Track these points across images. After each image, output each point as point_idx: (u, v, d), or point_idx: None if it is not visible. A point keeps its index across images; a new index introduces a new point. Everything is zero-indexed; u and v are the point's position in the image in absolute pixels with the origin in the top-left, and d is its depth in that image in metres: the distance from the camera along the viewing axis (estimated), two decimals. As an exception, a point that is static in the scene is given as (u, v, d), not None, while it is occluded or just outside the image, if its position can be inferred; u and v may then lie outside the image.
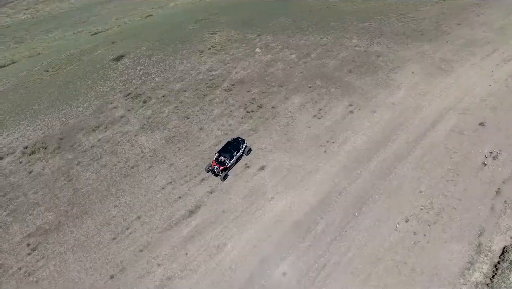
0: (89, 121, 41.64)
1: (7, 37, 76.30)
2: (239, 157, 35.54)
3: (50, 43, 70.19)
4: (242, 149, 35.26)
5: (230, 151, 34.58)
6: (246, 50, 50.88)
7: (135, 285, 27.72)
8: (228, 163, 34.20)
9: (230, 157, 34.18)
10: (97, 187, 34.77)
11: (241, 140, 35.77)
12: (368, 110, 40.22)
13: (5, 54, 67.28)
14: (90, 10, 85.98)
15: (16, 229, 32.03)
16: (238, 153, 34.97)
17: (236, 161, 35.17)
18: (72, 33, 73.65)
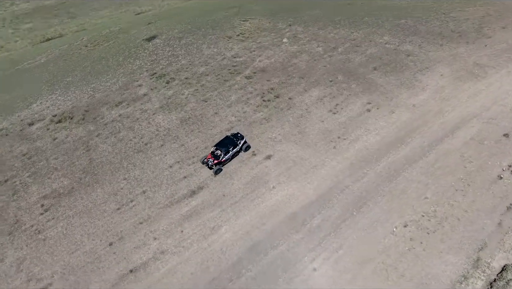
0: (114, 97, 43.69)
1: (63, 12, 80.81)
2: (236, 153, 35.37)
3: (97, 20, 73.51)
4: (239, 145, 35.04)
5: (227, 146, 34.50)
6: (273, 39, 50.82)
7: (130, 254, 29.19)
8: (223, 158, 34.24)
9: (225, 152, 34.18)
10: (111, 159, 36.64)
11: (240, 137, 35.57)
12: (387, 110, 39.09)
13: (56, 28, 71.38)
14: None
15: (34, 190, 34.60)
16: (235, 149, 34.80)
17: (232, 157, 35.04)
18: (119, 12, 76.70)
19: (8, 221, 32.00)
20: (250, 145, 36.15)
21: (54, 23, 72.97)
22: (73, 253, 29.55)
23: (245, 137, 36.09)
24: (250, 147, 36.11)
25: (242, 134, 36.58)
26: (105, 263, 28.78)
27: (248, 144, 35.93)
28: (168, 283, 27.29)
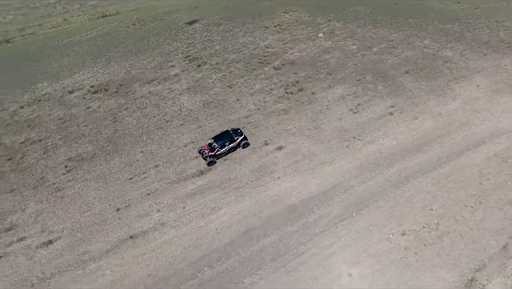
0: (148, 74, 45.88)
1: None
2: (233, 148, 35.58)
3: (152, 2, 76.88)
4: (236, 141, 35.23)
5: (224, 140, 34.90)
6: (309, 33, 50.40)
7: (133, 222, 31.08)
8: (218, 151, 34.67)
9: (221, 146, 34.61)
10: (133, 132, 38.78)
11: (239, 133, 35.74)
12: (410, 115, 37.72)
13: (115, 6, 75.49)
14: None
15: (62, 152, 37.60)
16: (231, 144, 35.10)
17: (228, 151, 35.35)
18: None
19: (35, 176, 35.21)
20: (249, 143, 36.08)
21: (115, 1, 77.24)
22: (84, 213, 32.04)
23: (244, 134, 36.09)
24: (249, 144, 36.10)
25: (242, 131, 36.61)
26: (109, 226, 30.94)
27: (246, 141, 35.85)
28: (161, 253, 28.84)
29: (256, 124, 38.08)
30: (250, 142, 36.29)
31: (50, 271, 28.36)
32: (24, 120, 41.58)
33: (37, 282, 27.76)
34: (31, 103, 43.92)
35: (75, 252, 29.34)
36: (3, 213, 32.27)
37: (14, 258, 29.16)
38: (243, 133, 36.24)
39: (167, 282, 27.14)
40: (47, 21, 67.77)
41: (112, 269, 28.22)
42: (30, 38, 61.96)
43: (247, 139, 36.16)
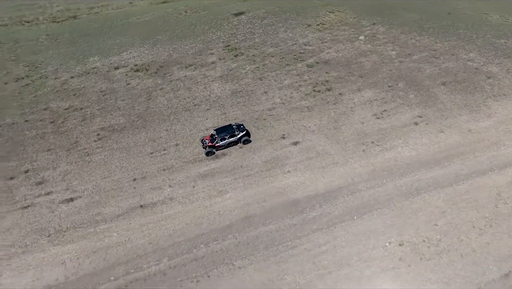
0: (187, 59, 48.06)
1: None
2: (233, 142, 36.26)
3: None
4: (237, 136, 35.99)
5: (224, 133, 35.72)
6: (350, 35, 49.73)
7: (146, 193, 33.22)
8: (218, 143, 35.65)
9: (221, 138, 35.53)
10: (163, 111, 41.05)
11: (241, 129, 36.31)
12: (436, 128, 36.31)
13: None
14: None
15: (97, 121, 40.78)
16: (231, 138, 35.86)
17: (227, 144, 36.13)
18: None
19: (70, 140, 38.61)
20: (250, 140, 36.68)
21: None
22: (105, 178, 34.74)
23: (247, 131, 36.66)
24: (251, 141, 36.69)
25: (246, 128, 37.16)
26: (124, 193, 33.33)
27: (247, 138, 36.44)
28: (165, 225, 30.66)
29: (277, 117, 38.76)
30: (268, 134, 37.10)
31: (66, 225, 31.27)
32: (72, 89, 45.51)
33: (53, 233, 30.75)
34: (80, 75, 47.87)
35: (90, 212, 32.07)
36: (38, 168, 35.91)
37: (39, 209, 32.47)
38: (245, 129, 36.79)
39: (165, 252, 28.88)
40: (114, 2, 72.84)
41: (118, 232, 30.53)
42: (94, 17, 67.01)
43: (249, 136, 36.85)
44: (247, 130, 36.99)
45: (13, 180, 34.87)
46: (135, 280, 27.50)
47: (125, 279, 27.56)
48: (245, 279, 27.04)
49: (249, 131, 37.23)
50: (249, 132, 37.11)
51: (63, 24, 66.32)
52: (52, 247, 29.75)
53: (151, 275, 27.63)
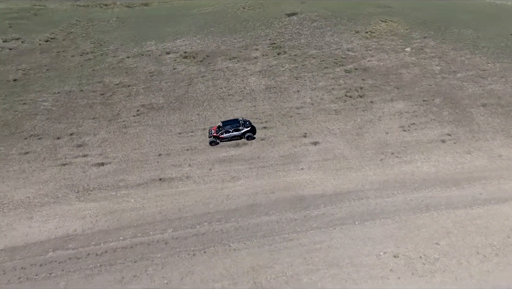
0: (232, 52, 50.31)
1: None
2: (236, 137, 37.49)
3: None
4: (241, 131, 37.26)
5: (229, 127, 37.14)
6: (397, 45, 48.72)
7: (166, 168, 35.82)
8: (220, 134, 37.19)
9: (225, 131, 37.03)
10: (199, 97, 43.59)
11: (247, 125, 37.54)
12: (463, 148, 34.83)
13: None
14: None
15: (139, 98, 44.34)
16: (235, 132, 37.16)
17: (231, 138, 37.45)
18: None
19: (113, 112, 42.48)
20: (253, 136, 37.83)
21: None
22: (134, 150, 37.92)
23: (252, 127, 38.09)
24: (254, 138, 37.84)
25: (252, 124, 38.38)
26: (148, 165, 36.20)
27: (251, 134, 37.60)
28: (177, 200, 32.93)
29: (303, 116, 39.56)
30: (291, 131, 38.10)
31: (93, 186, 34.73)
32: (125, 68, 49.75)
33: (81, 190, 34.33)
34: (135, 56, 52.09)
35: (115, 178, 35.29)
36: (81, 133, 40.05)
37: (74, 168, 36.36)
38: (251, 126, 38.07)
39: (171, 224, 31.09)
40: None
41: (135, 199, 33.35)
42: (163, 6, 72.02)
43: (254, 133, 38.10)
44: (253, 127, 38.58)
45: (59, 140, 39.30)
46: (140, 243, 30.01)
47: (131, 241, 30.17)
48: (237, 260, 28.36)
49: (255, 129, 38.76)
50: (254, 129, 38.62)
51: (134, 10, 72.08)
52: (78, 202, 33.32)
53: (154, 242, 29.97)
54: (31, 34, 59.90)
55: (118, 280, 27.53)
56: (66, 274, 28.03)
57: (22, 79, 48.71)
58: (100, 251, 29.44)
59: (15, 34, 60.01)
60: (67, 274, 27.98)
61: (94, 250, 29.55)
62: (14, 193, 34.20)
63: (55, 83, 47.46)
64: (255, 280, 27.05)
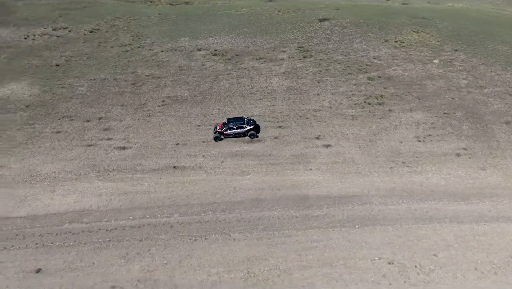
0: (261, 52, 51.55)
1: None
2: (240, 134, 38.75)
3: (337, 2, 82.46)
4: (244, 128, 38.39)
5: (233, 124, 38.45)
6: (426, 57, 47.93)
7: (181, 157, 37.53)
8: (224, 130, 38.55)
9: (229, 128, 38.40)
10: (222, 93, 45.15)
11: (251, 124, 38.80)
12: (478, 164, 33.95)
13: None
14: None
15: (166, 90, 46.52)
16: (239, 130, 38.37)
17: (235, 134, 38.66)
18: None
19: (140, 101, 44.87)
20: (257, 135, 39.00)
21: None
22: (154, 138, 39.98)
23: (256, 126, 39.23)
24: (257, 136, 38.95)
25: (256, 123, 39.49)
26: (165, 153, 38.06)
27: (253, 133, 38.77)
28: (187, 187, 34.49)
29: (319, 119, 40.06)
30: (305, 132, 38.74)
31: (113, 167, 36.99)
32: (158, 61, 52.26)
33: (102, 170, 36.68)
34: (169, 50, 54.56)
35: (134, 162, 37.39)
36: (108, 118, 42.65)
37: (98, 149, 38.85)
38: (255, 124, 39.24)
39: (178, 209, 32.63)
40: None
41: (149, 183, 35.22)
42: (203, 5, 74.63)
43: (257, 131, 39.25)
44: (257, 126, 39.84)
45: (88, 122, 42.07)
46: (147, 224, 31.74)
47: (140, 222, 31.97)
48: (235, 249, 29.41)
49: (259, 127, 40.02)
50: (258, 128, 39.87)
51: (175, 7, 75.15)
52: (97, 181, 35.65)
53: (160, 224, 31.59)
54: (78, 24, 64.15)
55: (122, 256, 29.40)
56: (78, 245, 30.28)
57: (64, 65, 52.45)
58: (111, 227, 31.51)
59: (64, 23, 64.54)
60: (79, 245, 30.23)
61: (105, 226, 31.70)
62: (42, 167, 37.16)
63: (93, 70, 50.74)
64: (249, 270, 27.98)
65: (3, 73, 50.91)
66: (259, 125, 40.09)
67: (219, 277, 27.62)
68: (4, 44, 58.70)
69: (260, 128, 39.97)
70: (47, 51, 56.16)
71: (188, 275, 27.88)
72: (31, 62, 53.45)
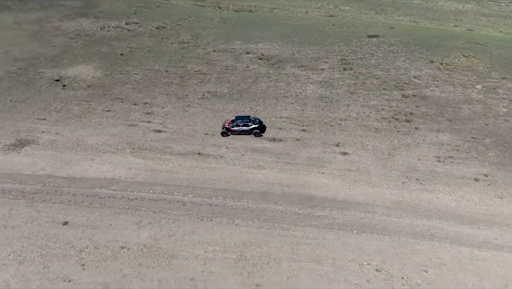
0: (303, 61, 53.45)
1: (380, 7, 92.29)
2: (245, 131, 41.47)
3: (390, 19, 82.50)
4: (249, 126, 41.28)
5: (240, 121, 41.47)
6: (469, 81, 46.34)
7: (207, 146, 40.48)
8: (231, 127, 41.49)
9: (235, 125, 41.04)
10: (257, 93, 47.73)
11: (256, 123, 41.71)
12: (496, 192, 32.64)
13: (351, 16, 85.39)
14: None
15: (209, 86, 50.12)
16: (244, 127, 41.31)
17: (240, 132, 41.62)
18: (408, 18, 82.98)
19: (184, 93, 48.87)
20: (261, 134, 41.39)
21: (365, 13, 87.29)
22: (187, 126, 43.58)
23: (261, 125, 42.00)
24: (261, 135, 41.35)
25: (262, 123, 42.36)
26: (194, 140, 41.34)
27: (258, 131, 41.20)
28: (205, 173, 37.32)
29: (343, 128, 40.94)
30: (326, 138, 39.96)
31: (146, 146, 40.94)
32: (208, 59, 56.31)
33: (136, 148, 40.78)
34: (220, 51, 58.47)
35: (165, 144, 41.10)
36: (153, 104, 47.06)
37: (137, 129, 43.18)
38: (260, 124, 41.68)
39: (193, 191, 35.45)
40: (293, 8, 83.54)
41: (173, 164, 38.56)
42: (264, 14, 78.45)
43: (261, 130, 41.61)
44: (262, 126, 42.35)
45: (135, 106, 46.80)
46: (163, 199, 34.93)
47: (158, 196, 35.25)
48: (234, 233, 31.44)
49: (264, 127, 42.53)
50: (263, 127, 42.32)
51: (239, 14, 79.77)
52: (130, 156, 39.76)
53: (175, 201, 34.60)
54: (148, 21, 70.86)
55: (136, 223, 32.76)
56: (102, 207, 34.23)
57: (127, 55, 58.47)
58: (132, 197, 35.12)
59: (136, 19, 71.63)
60: (102, 208, 34.16)
61: (128, 195, 35.40)
62: (89, 139, 42.17)
63: (150, 62, 56.01)
64: (242, 253, 29.85)
65: (76, 56, 58.15)
66: (265, 125, 42.60)
67: (213, 255, 29.86)
68: (83, 32, 66.75)
69: (265, 128, 42.44)
70: (116, 42, 62.91)
71: (187, 248, 30.47)
72: (100, 50, 60.36)
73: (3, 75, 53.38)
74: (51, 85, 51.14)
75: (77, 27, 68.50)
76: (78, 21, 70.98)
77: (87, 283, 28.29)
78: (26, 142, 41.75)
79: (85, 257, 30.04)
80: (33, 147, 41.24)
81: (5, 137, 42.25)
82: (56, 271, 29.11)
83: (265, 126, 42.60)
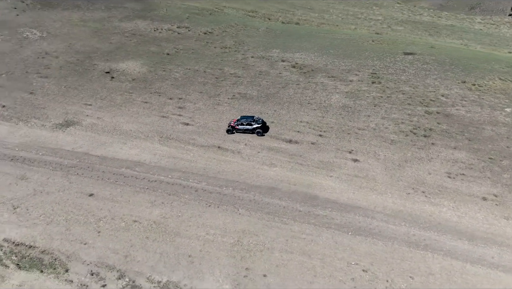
0: (334, 72, 54.81)
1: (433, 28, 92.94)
2: (248, 130, 43.87)
3: (440, 41, 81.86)
4: (252, 126, 43.82)
5: (244, 120, 44.13)
6: (498, 104, 44.90)
7: (227, 141, 43.21)
8: (237, 125, 44.24)
9: (240, 124, 44.04)
10: (283, 98, 49.83)
11: (259, 123, 44.04)
12: (503, 213, 31.86)
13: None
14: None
15: (240, 88, 52.94)
16: (248, 126, 43.86)
17: (244, 130, 44.11)
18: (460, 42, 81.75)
19: (216, 92, 52.10)
20: (263, 134, 44.00)
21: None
22: (213, 122, 46.66)
23: (264, 125, 44.33)
24: (264, 135, 44.03)
25: (265, 123, 44.79)
26: (216, 135, 44.25)
27: (260, 131, 43.83)
28: (221, 165, 39.95)
29: (359, 137, 41.82)
30: (341, 144, 41.14)
31: (173, 136, 44.38)
32: (245, 64, 59.40)
33: (164, 136, 44.39)
34: (258, 57, 61.39)
35: (190, 136, 44.36)
36: (186, 100, 50.75)
37: (168, 121, 46.90)
38: (263, 124, 43.92)
39: (207, 179, 38.14)
40: (349, 22, 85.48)
41: (194, 154, 41.60)
42: (310, 27, 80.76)
43: (263, 130, 43.90)
44: (265, 126, 44.65)
45: (170, 100, 50.76)
46: (179, 184, 37.89)
47: (175, 181, 38.31)
48: (236, 221, 33.56)
49: (267, 127, 44.83)
50: (265, 128, 44.55)
51: (285, 25, 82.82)
52: (157, 144, 43.40)
53: (188, 187, 37.45)
54: (198, 26, 75.71)
55: (150, 201, 35.94)
56: (124, 185, 37.88)
57: (172, 55, 63.14)
58: (152, 179, 38.47)
59: (188, 24, 76.79)
60: (125, 186, 37.80)
61: (149, 177, 38.80)
62: (124, 125, 46.50)
63: (191, 62, 60.14)
64: (239, 239, 31.89)
65: (128, 53, 63.76)
66: (268, 126, 45.04)
67: (213, 237, 32.19)
68: (138, 32, 72.80)
69: (268, 128, 44.91)
70: (165, 42, 68.04)
71: (191, 229, 33.08)
72: (150, 49, 65.66)
73: (63, 64, 60.06)
74: (101, 76, 56.75)
75: (134, 28, 74.87)
76: (136, 22, 77.50)
77: (99, 248, 31.79)
78: (72, 123, 46.95)
79: (102, 225, 33.66)
80: (77, 127, 46.32)
81: (55, 117, 47.85)
82: (75, 234, 32.95)
83: (268, 127, 45.07)
